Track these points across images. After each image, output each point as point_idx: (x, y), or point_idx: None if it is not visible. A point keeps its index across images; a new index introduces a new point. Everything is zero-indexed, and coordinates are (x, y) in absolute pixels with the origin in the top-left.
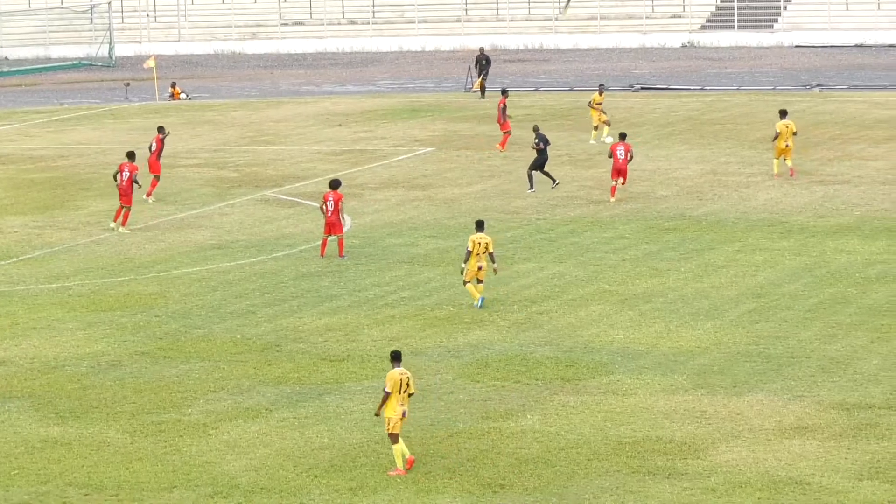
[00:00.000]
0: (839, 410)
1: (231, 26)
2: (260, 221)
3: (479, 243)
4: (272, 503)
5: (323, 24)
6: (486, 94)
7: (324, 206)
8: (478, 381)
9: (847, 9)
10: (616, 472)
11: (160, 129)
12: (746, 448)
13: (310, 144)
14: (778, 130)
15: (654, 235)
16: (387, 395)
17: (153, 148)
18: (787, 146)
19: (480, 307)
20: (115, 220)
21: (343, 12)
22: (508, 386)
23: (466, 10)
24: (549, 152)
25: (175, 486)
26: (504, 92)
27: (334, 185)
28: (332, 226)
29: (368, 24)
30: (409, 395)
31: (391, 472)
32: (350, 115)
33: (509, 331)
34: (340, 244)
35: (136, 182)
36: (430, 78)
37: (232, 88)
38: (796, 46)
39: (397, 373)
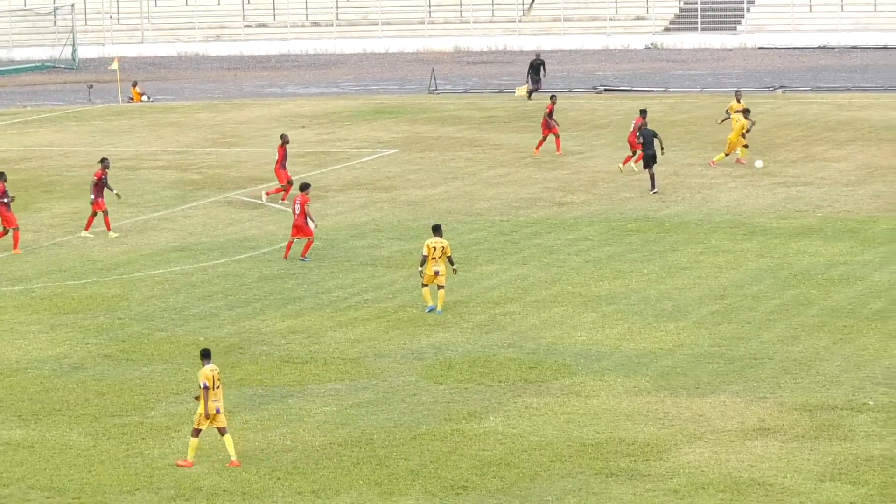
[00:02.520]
0: (802, 412)
1: (194, 28)
2: (223, 223)
3: (435, 247)
4: None
5: (286, 26)
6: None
7: (294, 209)
8: (441, 383)
9: (810, 10)
10: (579, 473)
11: (282, 138)
12: (709, 449)
13: (273, 146)
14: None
15: (617, 237)
16: (206, 391)
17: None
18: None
19: (430, 312)
20: (108, 230)
21: (307, 14)
22: (471, 388)
23: (430, 11)
24: (657, 150)
25: (138, 489)
26: (552, 98)
27: (301, 187)
28: (299, 229)
29: (332, 25)
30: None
31: (179, 462)
32: (313, 116)
33: (472, 332)
34: (307, 246)
35: (107, 186)
36: (394, 79)
37: (195, 90)
38: (759, 48)
39: (209, 369)
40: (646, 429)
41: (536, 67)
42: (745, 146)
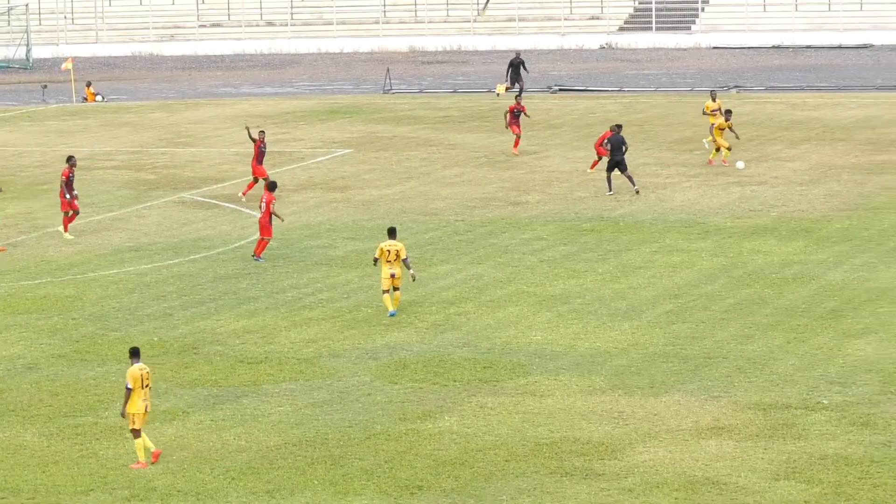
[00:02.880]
0: (756, 411)
1: (149, 28)
2: (177, 223)
3: (390, 251)
4: None
5: (241, 26)
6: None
7: (260, 206)
8: (396, 383)
9: (764, 10)
10: (533, 472)
11: (259, 134)
12: (663, 448)
13: (227, 146)
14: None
15: (572, 236)
16: (129, 392)
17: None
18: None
19: (392, 317)
20: (64, 230)
21: (261, 14)
22: (426, 387)
23: (385, 11)
24: (624, 156)
25: (92, 490)
26: (518, 98)
27: (269, 187)
28: (263, 227)
29: (287, 25)
30: (148, 388)
31: (133, 466)
32: (268, 116)
33: (427, 332)
34: (263, 245)
35: (67, 186)
36: (349, 79)
37: (150, 90)
38: (714, 48)
39: (137, 369)
40: (600, 428)
41: (516, 66)
42: (714, 143)
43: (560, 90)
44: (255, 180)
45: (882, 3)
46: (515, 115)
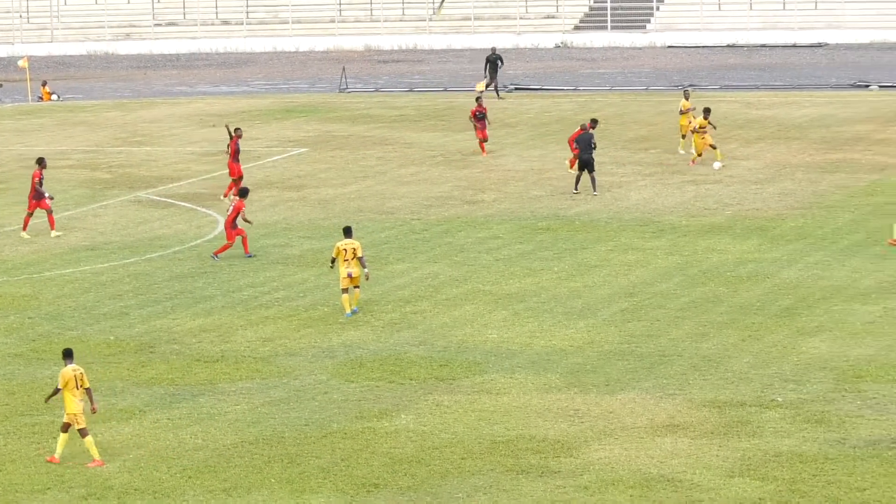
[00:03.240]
0: (711, 408)
1: (104, 27)
2: (133, 223)
3: (347, 250)
4: None
5: (196, 25)
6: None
7: (228, 208)
8: (352, 381)
9: (719, 9)
10: (489, 470)
11: (235, 131)
12: (619, 446)
13: (183, 145)
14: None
15: (527, 235)
16: (56, 391)
17: (228, 151)
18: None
19: (350, 317)
20: (23, 229)
21: (216, 13)
22: (383, 386)
23: (340, 10)
24: (592, 156)
25: (49, 488)
26: (477, 99)
27: (240, 193)
28: (226, 230)
29: (242, 24)
30: (86, 389)
31: (89, 465)
32: (224, 115)
33: (383, 331)
34: (224, 247)
35: (38, 188)
36: (304, 78)
37: (105, 89)
38: (669, 47)
39: (70, 370)
40: (556, 426)
41: (493, 62)
42: (683, 137)
43: (515, 89)
44: (240, 178)
45: (836, 1)
46: (479, 117)
